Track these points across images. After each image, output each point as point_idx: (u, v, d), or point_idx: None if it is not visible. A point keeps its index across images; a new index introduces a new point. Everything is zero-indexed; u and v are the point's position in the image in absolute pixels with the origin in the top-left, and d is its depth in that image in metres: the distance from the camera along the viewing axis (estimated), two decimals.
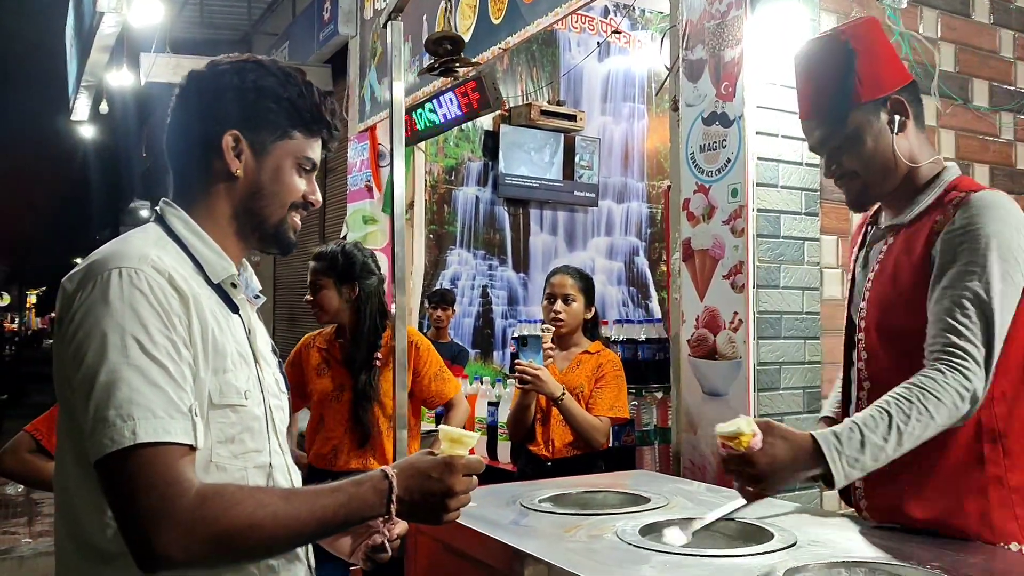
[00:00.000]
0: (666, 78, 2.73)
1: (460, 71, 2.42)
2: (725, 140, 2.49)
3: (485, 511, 1.55)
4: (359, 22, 5.55)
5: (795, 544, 1.30)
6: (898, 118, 1.42)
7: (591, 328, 2.74)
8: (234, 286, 1.13)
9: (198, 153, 1.12)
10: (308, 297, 2.66)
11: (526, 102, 5.56)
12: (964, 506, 1.32)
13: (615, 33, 5.42)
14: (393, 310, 2.02)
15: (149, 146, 13.40)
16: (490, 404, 3.50)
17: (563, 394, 2.49)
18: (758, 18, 2.45)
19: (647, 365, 3.32)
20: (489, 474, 3.26)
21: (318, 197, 1.18)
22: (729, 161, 2.48)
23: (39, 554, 4.59)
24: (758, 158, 2.45)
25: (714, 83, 2.53)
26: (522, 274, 5.84)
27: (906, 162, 1.43)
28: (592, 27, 5.67)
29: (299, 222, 1.17)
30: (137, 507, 0.92)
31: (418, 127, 4.48)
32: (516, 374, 2.52)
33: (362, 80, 5.44)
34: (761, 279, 2.41)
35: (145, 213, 14.58)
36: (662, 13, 5.06)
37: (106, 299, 0.96)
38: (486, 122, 5.49)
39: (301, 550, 1.13)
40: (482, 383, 3.75)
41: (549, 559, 1.25)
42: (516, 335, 2.64)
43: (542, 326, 2.63)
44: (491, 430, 3.45)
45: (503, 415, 3.20)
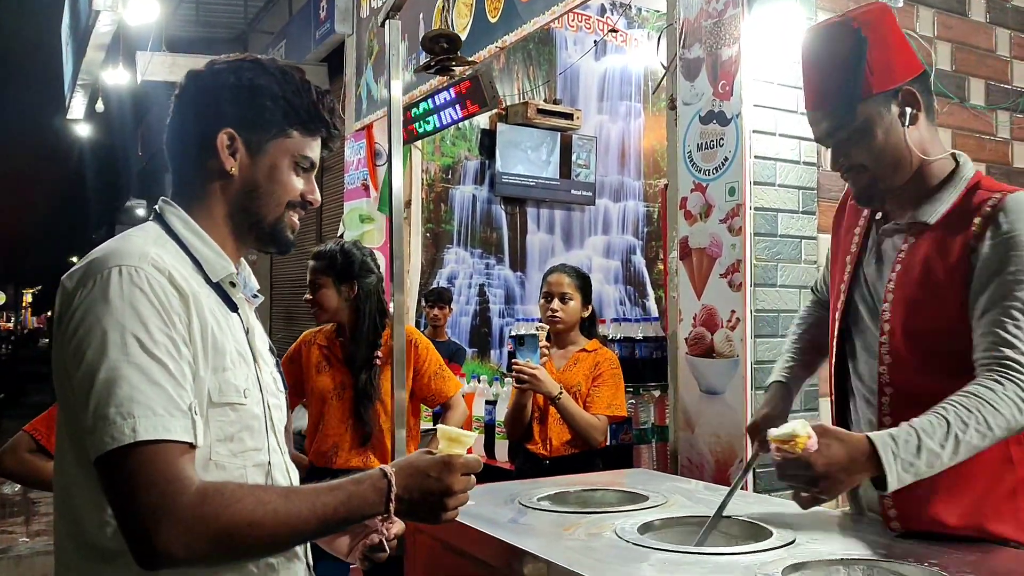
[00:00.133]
0: (663, 77, 2.73)
1: (456, 70, 2.42)
2: (722, 139, 2.50)
3: (484, 510, 1.55)
4: (355, 20, 5.54)
5: (794, 542, 1.30)
6: (909, 110, 1.37)
7: (588, 326, 2.74)
8: (233, 285, 1.13)
9: (194, 152, 1.12)
10: (307, 296, 2.66)
11: (523, 101, 5.56)
12: (998, 511, 1.31)
13: (612, 32, 5.42)
14: (391, 309, 2.02)
15: (145, 145, 13.38)
16: (487, 403, 3.50)
17: (560, 393, 2.49)
18: (755, 17, 2.45)
19: (644, 363, 3.32)
20: (487, 473, 3.25)
21: (317, 196, 1.17)
22: (726, 160, 2.48)
23: (36, 553, 4.58)
24: (755, 157, 2.45)
25: (711, 82, 2.53)
26: (519, 273, 5.84)
27: (919, 155, 1.38)
28: (589, 26, 5.66)
29: (297, 221, 1.17)
30: (137, 505, 0.92)
31: (415, 126, 4.48)
32: (513, 373, 2.52)
33: (358, 78, 5.44)
34: (758, 277, 2.42)
35: (141, 212, 14.56)
36: (659, 12, 5.06)
37: (106, 297, 0.97)
38: (483, 121, 5.49)
39: (300, 548, 1.13)
40: (479, 382, 3.75)
41: (548, 557, 1.25)
42: (513, 334, 2.63)
43: (537, 325, 2.63)
44: (489, 429, 3.46)
45: (500, 414, 3.20)
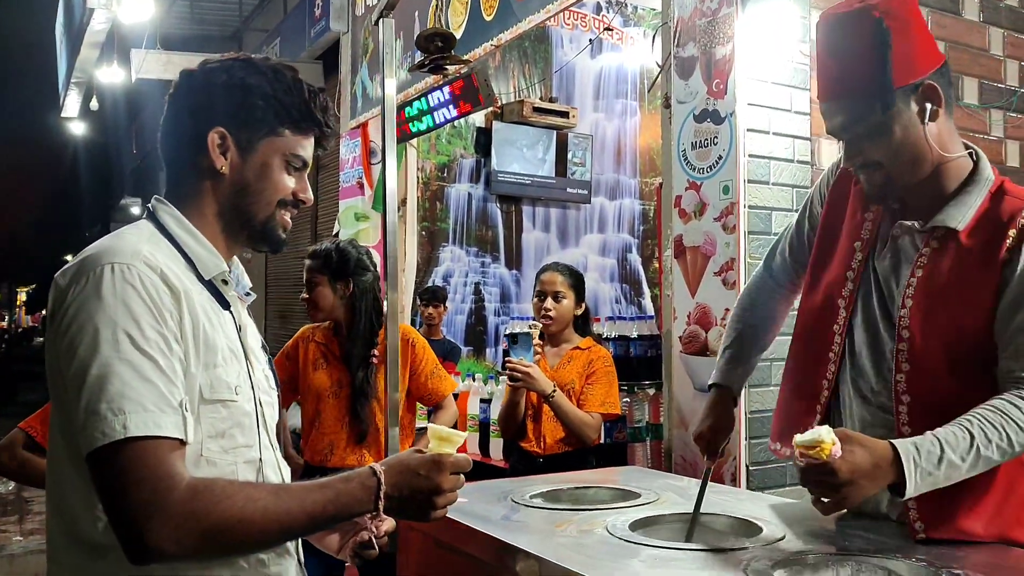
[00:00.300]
0: (658, 75, 2.74)
1: (450, 68, 2.42)
2: (716, 137, 2.50)
3: (476, 507, 1.55)
4: (350, 18, 5.54)
5: (784, 538, 1.31)
6: (930, 106, 1.29)
7: (582, 324, 2.74)
8: (225, 283, 1.13)
9: (186, 150, 1.12)
10: (304, 295, 2.66)
11: (518, 99, 5.55)
12: (1018, 518, 1.31)
13: (607, 30, 5.42)
14: (385, 308, 2.02)
15: (139, 143, 13.34)
16: (482, 401, 3.51)
17: (554, 391, 2.49)
18: (749, 15, 2.46)
19: (639, 362, 3.33)
20: (482, 471, 3.28)
21: (309, 195, 1.18)
22: (720, 158, 2.49)
23: (30, 552, 4.58)
24: (749, 155, 2.46)
25: (705, 80, 2.54)
26: (515, 271, 5.84)
27: (939, 152, 1.31)
28: (584, 24, 5.67)
29: (289, 220, 1.17)
30: (128, 500, 0.92)
31: (410, 125, 4.47)
32: (507, 371, 2.53)
33: (353, 76, 5.43)
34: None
35: (136, 210, 14.52)
36: (655, 10, 5.05)
37: (99, 294, 0.97)
38: (478, 119, 5.49)
39: (291, 545, 1.13)
40: (474, 380, 3.76)
41: (540, 553, 1.26)
42: (507, 332, 2.64)
43: (530, 323, 2.64)
44: (483, 427, 3.46)
45: (495, 412, 3.20)
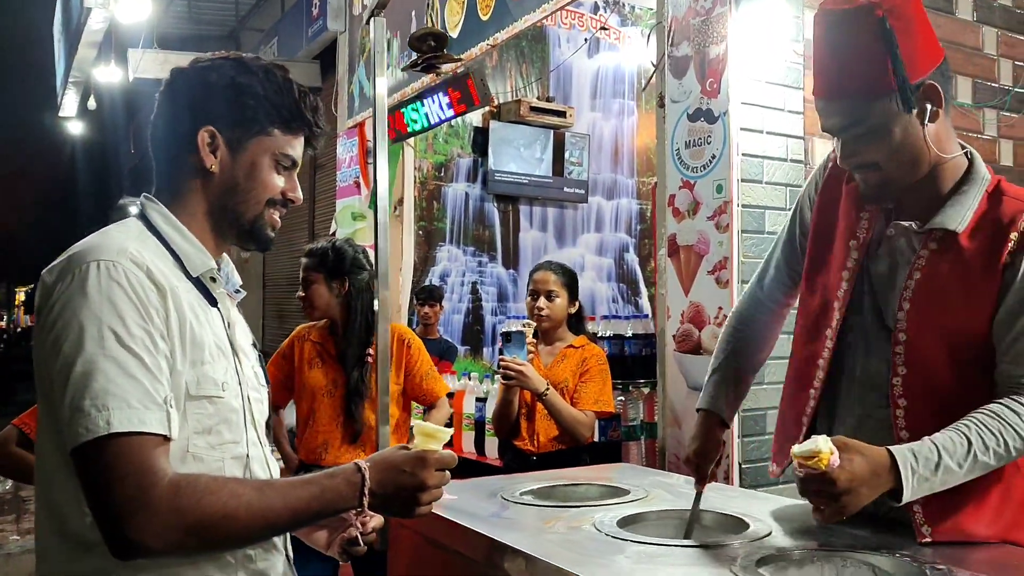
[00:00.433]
0: (652, 74, 2.74)
1: (444, 68, 2.42)
2: (710, 136, 2.51)
3: (466, 504, 1.56)
4: (348, 18, 5.54)
5: (770, 534, 1.32)
6: (930, 107, 1.26)
7: (576, 322, 2.74)
8: (213, 280, 1.14)
9: (176, 149, 1.13)
10: (300, 293, 2.67)
11: (516, 98, 5.55)
12: (1016, 519, 1.31)
13: (603, 30, 5.42)
14: (376, 306, 2.03)
15: (137, 142, 13.32)
16: (478, 400, 3.51)
17: (547, 389, 2.50)
18: (742, 15, 2.46)
19: (634, 360, 3.33)
20: (477, 469, 3.28)
21: (298, 194, 1.18)
22: (714, 157, 2.50)
23: (27, 551, 4.58)
24: (743, 154, 2.47)
25: (699, 79, 2.54)
26: (512, 270, 5.84)
27: (937, 152, 1.29)
28: (582, 23, 5.67)
29: (278, 219, 1.18)
30: (111, 496, 0.93)
31: (406, 124, 4.48)
32: (500, 370, 2.53)
33: (351, 76, 5.43)
34: (746, 275, 2.42)
35: (134, 210, 14.46)
36: (652, 9, 5.04)
37: (84, 291, 0.98)
38: (475, 118, 5.49)
39: (279, 541, 1.14)
40: (470, 379, 3.76)
41: (527, 550, 1.26)
42: (502, 331, 2.65)
43: (523, 322, 2.64)
44: (479, 426, 3.46)
45: (491, 411, 3.21)
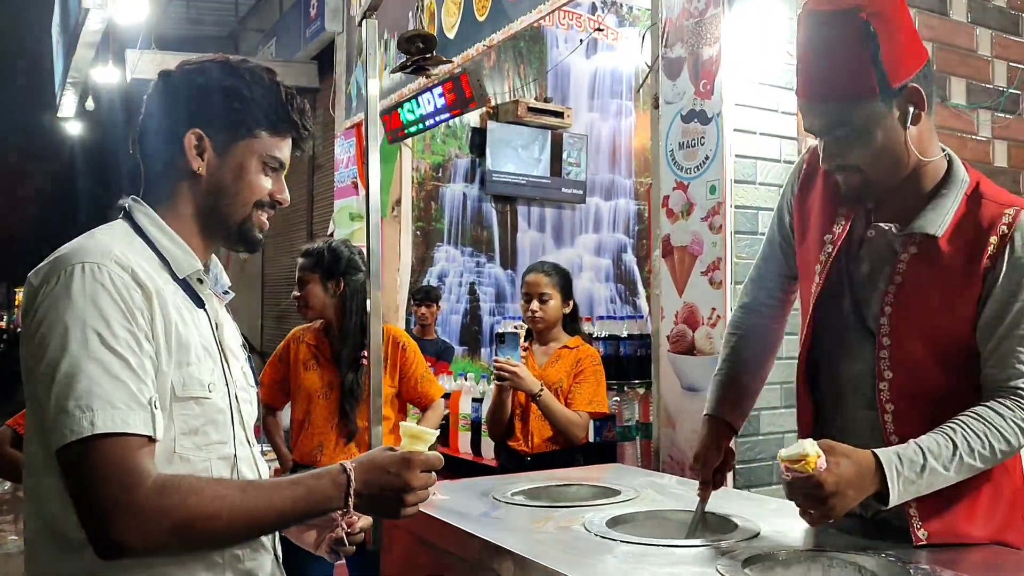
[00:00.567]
0: (646, 76, 2.75)
1: (432, 69, 2.43)
2: (703, 137, 2.51)
3: (458, 504, 1.57)
4: (345, 18, 5.54)
5: (758, 535, 1.32)
6: (912, 110, 1.25)
7: (570, 323, 2.74)
8: (200, 281, 1.14)
9: (163, 151, 1.13)
10: (295, 293, 2.68)
11: (513, 99, 5.56)
12: (1007, 519, 1.32)
13: (598, 31, 5.42)
14: (368, 307, 2.04)
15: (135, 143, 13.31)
16: (474, 400, 3.52)
17: (541, 390, 2.50)
18: (735, 16, 2.47)
19: (629, 361, 3.34)
20: (473, 470, 3.29)
21: (285, 196, 1.19)
22: (707, 158, 2.50)
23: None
24: (736, 155, 2.47)
25: (693, 81, 2.55)
26: (510, 271, 5.84)
27: (918, 156, 1.28)
28: (580, 24, 5.67)
29: (266, 221, 1.18)
30: (95, 496, 0.94)
31: (403, 124, 4.48)
32: (494, 371, 2.54)
33: (348, 76, 5.44)
34: (739, 275, 2.43)
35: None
36: (649, 10, 5.06)
37: (68, 293, 0.98)
38: (473, 119, 5.49)
39: (267, 540, 1.14)
40: (467, 379, 3.77)
41: (516, 549, 1.26)
42: (497, 332, 2.65)
43: (515, 324, 2.65)
44: (475, 426, 3.47)
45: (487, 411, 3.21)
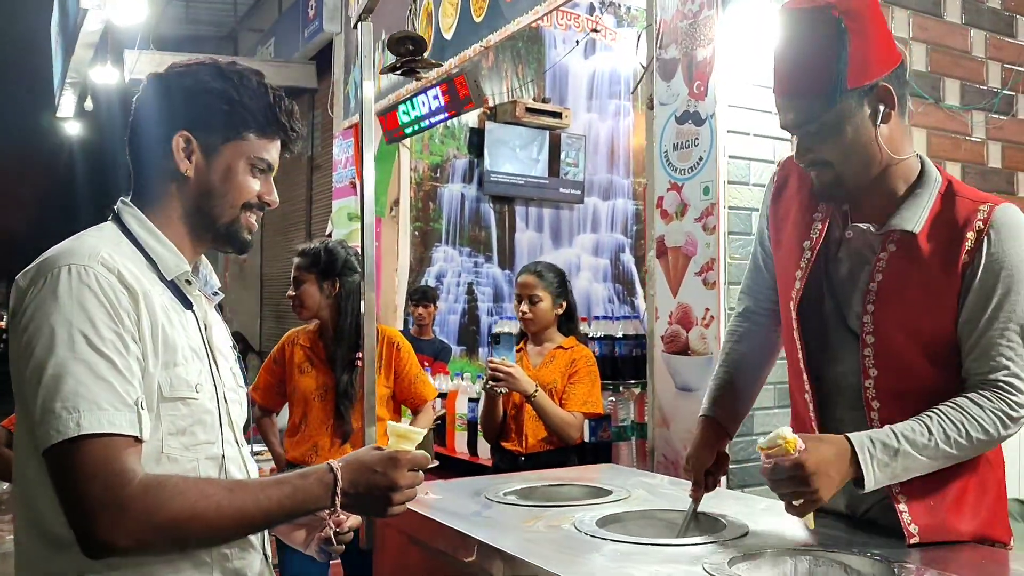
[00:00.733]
0: (641, 77, 2.76)
1: (424, 72, 2.44)
2: (697, 139, 2.52)
3: (450, 503, 1.58)
4: (344, 19, 5.55)
5: (746, 534, 1.33)
6: (882, 108, 1.30)
7: (565, 323, 2.74)
8: (188, 283, 1.15)
9: (152, 153, 1.14)
10: (290, 292, 2.69)
11: (511, 99, 5.57)
12: (992, 514, 1.33)
13: (594, 31, 5.43)
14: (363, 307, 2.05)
15: None
16: (471, 400, 3.52)
17: (536, 390, 2.50)
18: (729, 18, 2.48)
19: (624, 361, 3.34)
20: (468, 469, 3.29)
21: (274, 197, 1.20)
22: (701, 159, 2.51)
23: None
24: (730, 156, 2.48)
25: (687, 82, 2.56)
26: (508, 271, 5.84)
27: (889, 154, 1.33)
28: (578, 24, 5.67)
29: (255, 222, 1.19)
30: (81, 496, 0.95)
31: (400, 125, 4.49)
32: (489, 372, 2.54)
33: (346, 77, 5.45)
34: (732, 276, 2.44)
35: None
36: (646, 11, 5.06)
37: (55, 295, 0.99)
38: (471, 119, 5.50)
39: (256, 540, 1.15)
40: (463, 379, 3.77)
41: (506, 548, 1.27)
42: (492, 332, 2.66)
43: (511, 324, 2.65)
44: (471, 426, 3.47)
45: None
